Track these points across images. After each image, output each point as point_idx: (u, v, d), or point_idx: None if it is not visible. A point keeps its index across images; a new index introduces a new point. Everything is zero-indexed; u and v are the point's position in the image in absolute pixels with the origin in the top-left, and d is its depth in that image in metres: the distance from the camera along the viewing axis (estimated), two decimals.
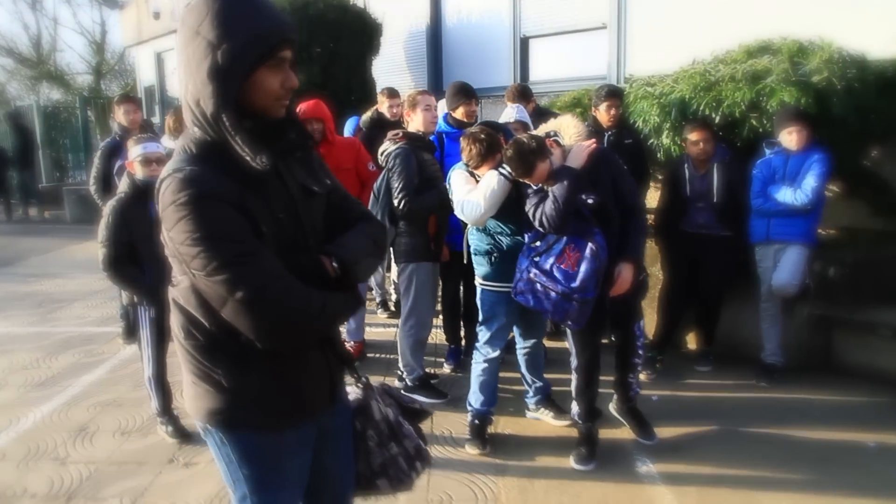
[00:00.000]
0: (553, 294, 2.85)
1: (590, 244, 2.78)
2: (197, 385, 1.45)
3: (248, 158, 1.33)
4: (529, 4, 7.36)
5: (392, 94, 5.32)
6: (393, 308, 5.47)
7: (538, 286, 2.89)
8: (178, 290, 1.43)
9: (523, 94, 4.71)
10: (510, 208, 3.03)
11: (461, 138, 3.15)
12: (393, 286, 5.25)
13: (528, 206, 2.89)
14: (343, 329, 4.84)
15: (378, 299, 5.63)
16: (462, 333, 4.50)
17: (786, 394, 3.89)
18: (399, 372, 3.96)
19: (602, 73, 6.82)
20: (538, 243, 2.95)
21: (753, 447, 3.27)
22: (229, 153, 1.34)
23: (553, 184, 2.80)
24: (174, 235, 1.30)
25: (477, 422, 3.33)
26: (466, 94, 4.01)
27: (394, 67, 8.61)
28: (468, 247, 3.37)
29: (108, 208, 3.15)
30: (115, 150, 4.75)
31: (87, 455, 3.34)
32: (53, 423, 3.73)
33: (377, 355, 4.66)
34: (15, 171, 12.82)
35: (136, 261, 3.17)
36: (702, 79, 4.31)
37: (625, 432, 3.42)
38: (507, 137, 3.16)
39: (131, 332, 5.23)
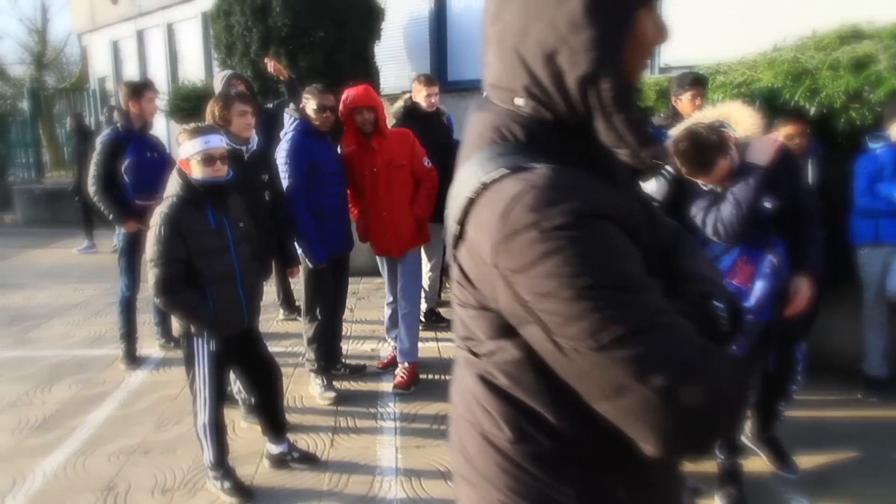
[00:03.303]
0: None
1: (770, 257, 2.33)
2: None
3: (625, 152, 0.82)
4: None
5: (430, 81, 4.76)
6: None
7: None
8: (497, 365, 0.88)
9: None
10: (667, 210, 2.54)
11: None
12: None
13: (696, 211, 2.41)
14: (390, 343, 4.28)
15: (427, 307, 4.96)
16: None
17: None
18: None
19: None
20: None
21: None
22: (584, 142, 0.84)
23: (731, 184, 2.33)
24: (529, 282, 0.75)
25: None
26: None
27: (395, 54, 8.01)
28: None
29: (157, 217, 2.48)
30: (119, 145, 4.04)
31: None
32: (70, 479, 3.03)
33: (429, 376, 4.11)
34: None
35: (192, 281, 2.53)
36: (791, 66, 3.94)
37: (757, 464, 3.02)
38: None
39: (134, 357, 4.57)
